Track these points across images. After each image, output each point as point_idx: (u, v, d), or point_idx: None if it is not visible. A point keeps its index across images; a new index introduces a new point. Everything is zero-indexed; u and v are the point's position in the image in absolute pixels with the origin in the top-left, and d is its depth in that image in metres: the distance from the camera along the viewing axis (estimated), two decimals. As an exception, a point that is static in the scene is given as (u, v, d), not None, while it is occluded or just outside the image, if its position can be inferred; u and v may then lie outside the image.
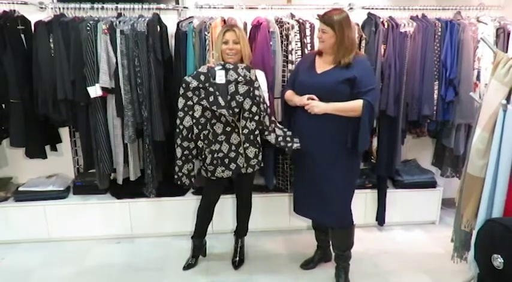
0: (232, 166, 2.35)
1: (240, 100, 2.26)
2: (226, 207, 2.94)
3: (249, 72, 2.29)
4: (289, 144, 2.35)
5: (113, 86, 2.63)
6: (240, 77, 2.26)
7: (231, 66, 2.27)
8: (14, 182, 3.15)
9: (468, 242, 2.17)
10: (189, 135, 2.31)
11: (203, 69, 2.28)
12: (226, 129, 2.30)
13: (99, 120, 2.69)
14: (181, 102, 2.27)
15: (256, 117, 2.34)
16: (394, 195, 3.13)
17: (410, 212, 3.19)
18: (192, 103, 2.26)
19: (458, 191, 2.20)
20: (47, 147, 2.94)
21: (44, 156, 2.88)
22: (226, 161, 2.34)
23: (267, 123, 2.38)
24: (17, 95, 2.64)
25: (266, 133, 2.40)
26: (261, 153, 2.42)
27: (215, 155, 2.32)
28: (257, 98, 2.32)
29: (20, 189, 2.95)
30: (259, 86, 2.34)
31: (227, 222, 2.98)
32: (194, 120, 2.29)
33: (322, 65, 2.24)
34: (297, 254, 2.79)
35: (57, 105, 2.67)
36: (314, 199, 2.32)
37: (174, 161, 2.40)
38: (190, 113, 2.28)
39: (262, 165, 2.46)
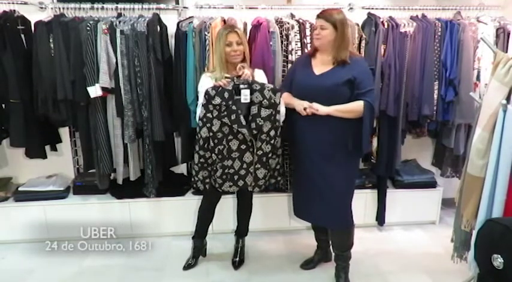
0: (240, 183, 2.35)
1: (260, 123, 2.24)
2: (226, 207, 2.93)
3: (275, 95, 2.25)
4: (279, 178, 2.48)
5: (112, 86, 2.63)
6: (265, 100, 2.23)
7: (258, 87, 2.24)
8: (14, 182, 3.14)
9: (468, 242, 2.17)
10: (205, 145, 2.30)
11: (229, 86, 2.23)
12: (241, 147, 2.28)
13: (99, 120, 2.69)
14: (202, 112, 2.26)
15: (273, 141, 2.32)
16: (394, 195, 3.13)
17: (410, 212, 3.19)
18: (211, 116, 2.24)
19: (458, 191, 2.20)
20: (47, 147, 2.94)
21: (44, 156, 2.88)
22: (236, 177, 2.33)
23: (277, 146, 2.37)
24: (17, 95, 2.65)
25: (274, 156, 2.38)
26: (269, 174, 2.42)
27: (226, 170, 2.32)
28: (277, 123, 2.30)
29: (20, 189, 2.95)
30: (280, 109, 2.30)
31: (227, 222, 2.98)
32: (211, 133, 2.27)
33: (319, 66, 2.22)
34: (297, 254, 2.79)
35: (57, 105, 2.67)
36: (314, 200, 2.31)
37: (173, 161, 2.40)
38: (208, 125, 2.25)
39: (269, 186, 2.49)
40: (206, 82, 2.32)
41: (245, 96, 2.23)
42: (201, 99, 2.26)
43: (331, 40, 2.14)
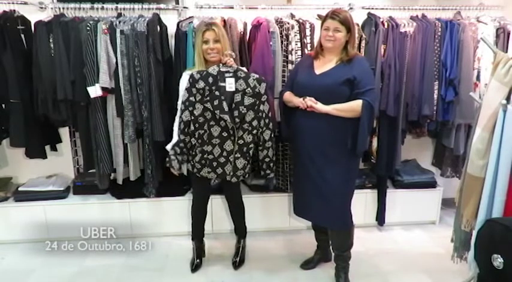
0: (219, 170, 2.35)
1: (243, 111, 2.25)
2: (225, 207, 2.93)
3: (260, 84, 2.27)
4: (268, 172, 2.44)
5: (112, 86, 2.63)
6: (249, 88, 2.24)
7: (243, 75, 2.25)
8: (14, 182, 3.14)
9: (468, 242, 2.17)
10: (185, 130, 2.31)
11: (213, 70, 2.25)
12: (223, 134, 2.29)
13: (99, 120, 2.69)
14: (184, 95, 2.26)
15: (255, 131, 2.34)
16: (394, 195, 3.13)
17: (410, 212, 3.19)
18: (194, 100, 2.25)
19: (458, 191, 2.20)
20: (47, 147, 2.94)
21: (44, 156, 2.88)
22: (215, 164, 2.33)
23: (266, 138, 2.38)
24: (17, 95, 2.65)
25: (260, 148, 2.41)
26: (249, 166, 2.42)
27: (205, 156, 2.33)
28: (260, 113, 2.31)
29: (20, 189, 2.95)
30: (266, 100, 2.32)
31: (227, 222, 2.97)
32: (192, 117, 2.28)
33: (321, 66, 2.23)
34: (297, 254, 2.79)
35: (57, 105, 2.67)
36: (313, 200, 2.31)
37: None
38: (190, 109, 2.27)
39: (247, 176, 2.47)
40: (186, 80, 2.31)
41: (230, 84, 2.23)
42: (181, 100, 2.29)
43: (343, 42, 2.17)
